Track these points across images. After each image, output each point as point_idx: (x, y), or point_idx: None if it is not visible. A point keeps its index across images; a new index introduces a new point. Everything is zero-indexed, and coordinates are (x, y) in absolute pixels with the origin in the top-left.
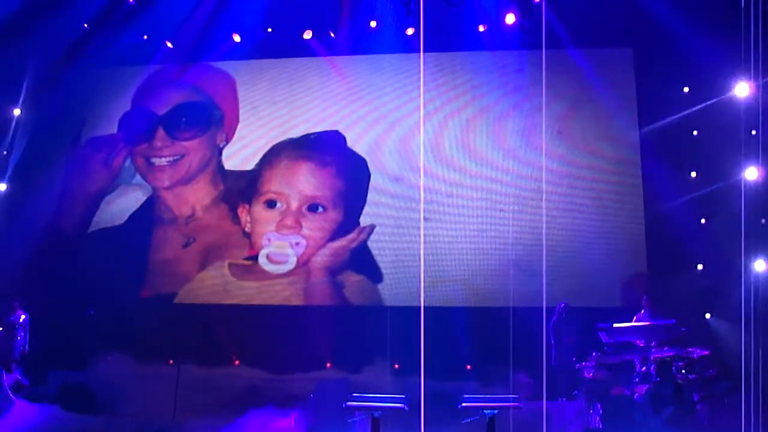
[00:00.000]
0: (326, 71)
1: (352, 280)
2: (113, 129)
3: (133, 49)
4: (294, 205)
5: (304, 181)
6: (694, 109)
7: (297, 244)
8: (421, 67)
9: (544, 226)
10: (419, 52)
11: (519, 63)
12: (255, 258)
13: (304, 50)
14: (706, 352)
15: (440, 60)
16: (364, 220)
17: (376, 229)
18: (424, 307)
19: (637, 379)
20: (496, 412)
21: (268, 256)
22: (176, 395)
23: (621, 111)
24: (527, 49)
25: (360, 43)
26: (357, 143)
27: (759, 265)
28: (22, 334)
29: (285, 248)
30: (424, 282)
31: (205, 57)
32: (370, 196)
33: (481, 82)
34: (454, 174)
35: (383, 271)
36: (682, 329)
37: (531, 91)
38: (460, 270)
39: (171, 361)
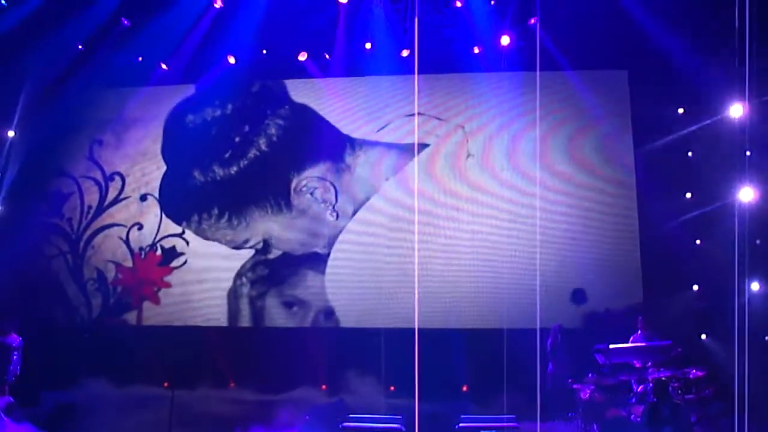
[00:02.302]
0: (322, 93)
1: (343, 302)
2: (107, 149)
3: (127, 70)
4: None
5: None
6: (689, 129)
7: None
8: (416, 88)
9: (538, 247)
10: (414, 73)
11: (514, 84)
12: None
13: (300, 72)
14: (702, 373)
15: (435, 81)
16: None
17: (371, 251)
18: (419, 329)
19: (633, 400)
20: None
21: None
22: (171, 418)
23: (616, 132)
24: (522, 71)
25: (355, 65)
26: None
27: (754, 286)
28: (16, 356)
29: None
30: (419, 304)
31: (200, 78)
32: (364, 217)
33: (476, 103)
34: (449, 196)
35: (377, 292)
36: (678, 350)
37: (526, 113)
38: (454, 292)
39: (166, 384)
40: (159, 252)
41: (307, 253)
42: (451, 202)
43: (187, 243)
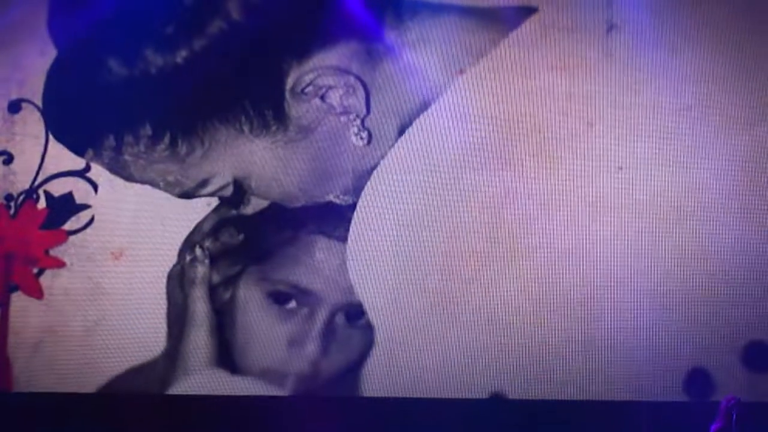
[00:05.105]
0: None
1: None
2: None
3: None
4: None
5: None
6: None
7: None
8: None
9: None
10: None
11: None
12: None
13: None
14: None
15: None
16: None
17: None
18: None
19: None
20: None
21: None
22: None
23: None
24: None
25: None
26: None
27: None
28: None
29: None
30: None
31: None
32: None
33: None
34: (575, 100)
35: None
36: None
37: None
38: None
39: None
40: (42, 203)
41: (314, 205)
42: (578, 113)
43: (95, 188)
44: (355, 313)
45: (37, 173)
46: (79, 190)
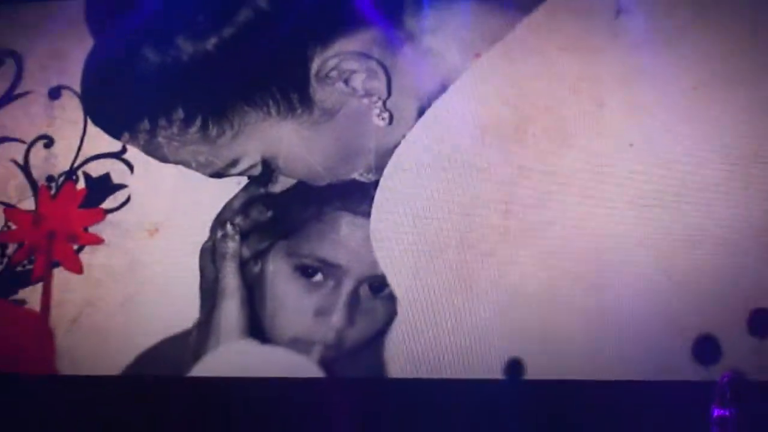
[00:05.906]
0: None
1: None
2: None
3: None
4: None
5: None
6: None
7: None
8: None
9: None
10: None
11: None
12: None
13: None
14: None
15: None
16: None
17: (453, 180)
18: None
19: None
20: None
21: None
22: None
23: None
24: None
25: None
26: None
27: None
28: None
29: None
30: None
31: None
32: (439, 121)
33: None
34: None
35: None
36: None
37: None
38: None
39: None
40: (82, 184)
41: (338, 183)
42: (589, 93)
43: (131, 168)
44: (378, 285)
45: (76, 155)
46: (116, 171)
